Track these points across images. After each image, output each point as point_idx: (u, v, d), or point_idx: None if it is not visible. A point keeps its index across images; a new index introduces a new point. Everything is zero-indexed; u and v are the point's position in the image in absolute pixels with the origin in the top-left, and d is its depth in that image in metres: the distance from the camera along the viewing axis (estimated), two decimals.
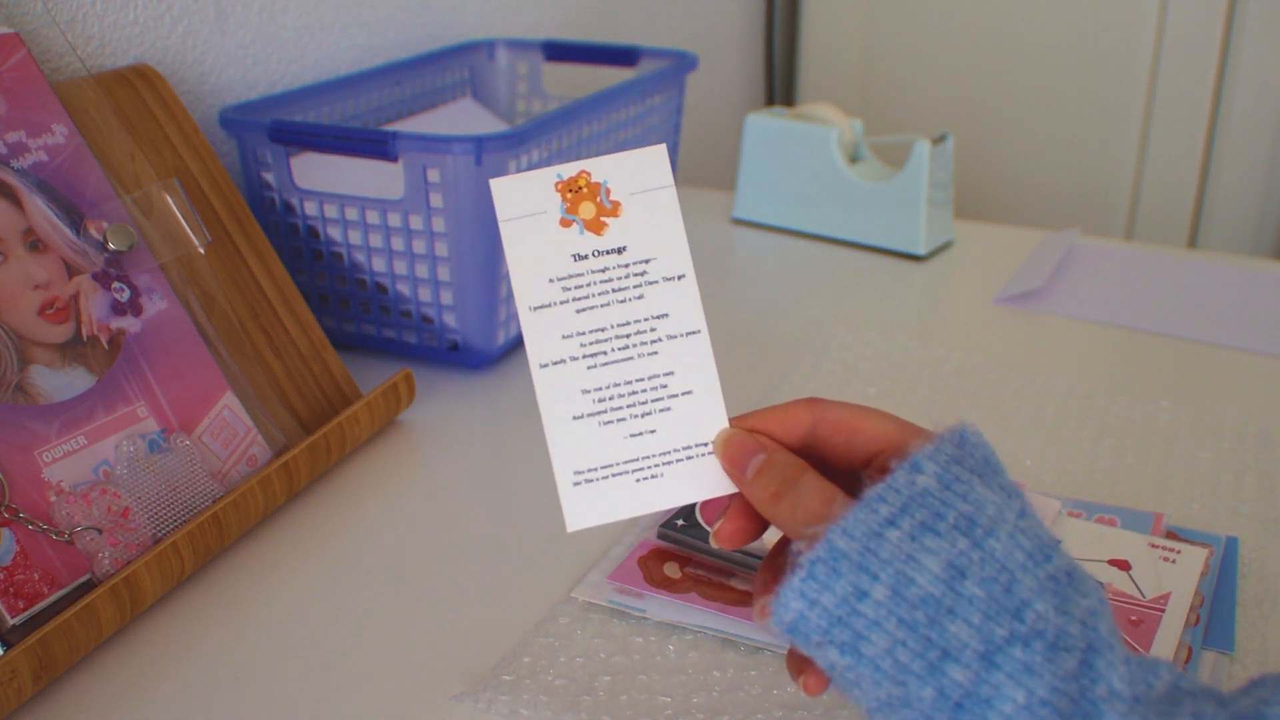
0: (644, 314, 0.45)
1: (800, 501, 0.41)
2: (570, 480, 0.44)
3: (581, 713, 0.50)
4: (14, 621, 0.53)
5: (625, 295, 0.45)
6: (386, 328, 0.84)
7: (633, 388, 0.44)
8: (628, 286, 0.45)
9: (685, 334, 0.45)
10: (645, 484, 0.44)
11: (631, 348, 0.44)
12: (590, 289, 0.44)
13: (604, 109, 0.88)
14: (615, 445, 0.44)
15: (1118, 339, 0.88)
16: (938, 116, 1.66)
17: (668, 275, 0.45)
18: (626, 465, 0.44)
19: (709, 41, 1.63)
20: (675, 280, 0.45)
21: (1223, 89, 1.50)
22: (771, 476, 0.42)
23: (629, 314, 0.45)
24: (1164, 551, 0.59)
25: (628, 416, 0.44)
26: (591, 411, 0.44)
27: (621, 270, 0.45)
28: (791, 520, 0.41)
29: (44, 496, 0.56)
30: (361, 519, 0.66)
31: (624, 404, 0.44)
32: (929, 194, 1.03)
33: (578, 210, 0.45)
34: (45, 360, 0.59)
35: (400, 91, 0.99)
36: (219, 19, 0.87)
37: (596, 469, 0.44)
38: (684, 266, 0.46)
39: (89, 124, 0.67)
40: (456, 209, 0.76)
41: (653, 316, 0.45)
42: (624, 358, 0.44)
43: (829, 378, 0.81)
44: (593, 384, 0.44)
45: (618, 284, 0.45)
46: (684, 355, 0.45)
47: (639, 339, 0.45)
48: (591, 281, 0.45)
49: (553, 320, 0.44)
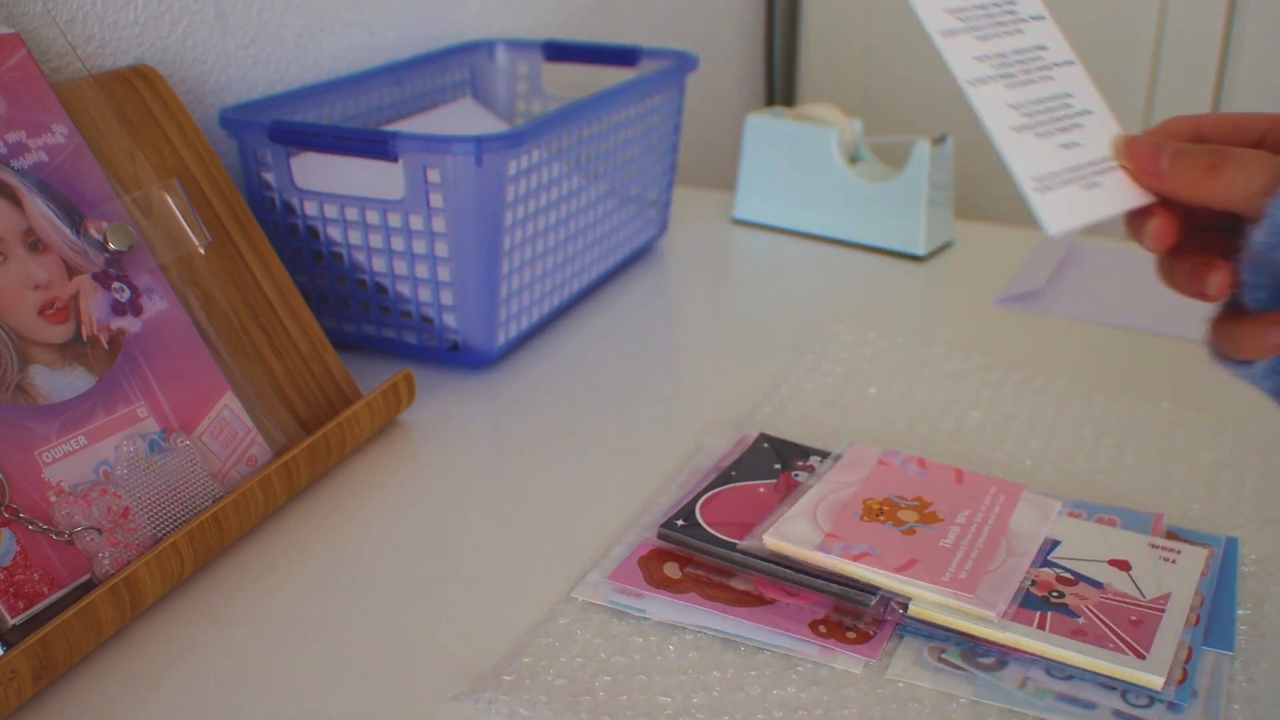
0: (1029, 44, 0.50)
1: (1246, 160, 0.43)
2: (1033, 187, 0.46)
3: (581, 713, 0.50)
4: (14, 621, 0.53)
5: (1008, 29, 0.50)
6: (386, 328, 0.84)
7: (1047, 105, 0.48)
8: (1007, 21, 0.50)
9: (1064, 62, 0.50)
10: (1093, 190, 0.47)
11: (1032, 71, 0.49)
12: (982, 21, 0.50)
13: (604, 109, 0.88)
14: (1056, 155, 0.47)
15: (1118, 339, 0.88)
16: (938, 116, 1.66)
17: (1033, 14, 0.52)
18: (1070, 174, 0.47)
19: (709, 41, 1.62)
20: (1038, 19, 0.52)
21: (1223, 89, 1.50)
22: (1199, 154, 0.44)
23: (1017, 44, 0.50)
24: (1164, 551, 0.59)
25: (1054, 130, 0.48)
26: (1024, 125, 0.47)
27: (997, 8, 0.51)
28: (1245, 181, 0.42)
29: (44, 496, 0.56)
30: (361, 519, 0.66)
31: (1047, 119, 0.48)
32: (929, 194, 1.03)
33: None
34: (45, 360, 0.59)
35: (400, 91, 0.99)
36: (219, 19, 0.87)
37: (1049, 175, 0.47)
38: (1038, 6, 0.52)
39: (89, 124, 0.67)
40: (456, 209, 0.76)
41: (1034, 47, 0.50)
42: (1028, 79, 0.48)
43: (829, 378, 0.81)
44: (1014, 100, 0.48)
45: (999, 18, 0.50)
46: (1070, 80, 0.50)
47: (1034, 65, 0.49)
48: (979, 15, 0.50)
49: (962, 45, 0.48)
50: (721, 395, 0.79)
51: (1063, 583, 0.57)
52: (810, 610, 0.56)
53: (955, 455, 0.71)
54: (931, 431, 0.74)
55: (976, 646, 0.54)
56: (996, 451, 0.71)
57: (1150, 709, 0.50)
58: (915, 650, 0.54)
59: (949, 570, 0.55)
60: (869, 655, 0.53)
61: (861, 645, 0.54)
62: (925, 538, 0.58)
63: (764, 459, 0.67)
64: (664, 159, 1.03)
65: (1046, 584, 0.56)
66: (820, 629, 0.55)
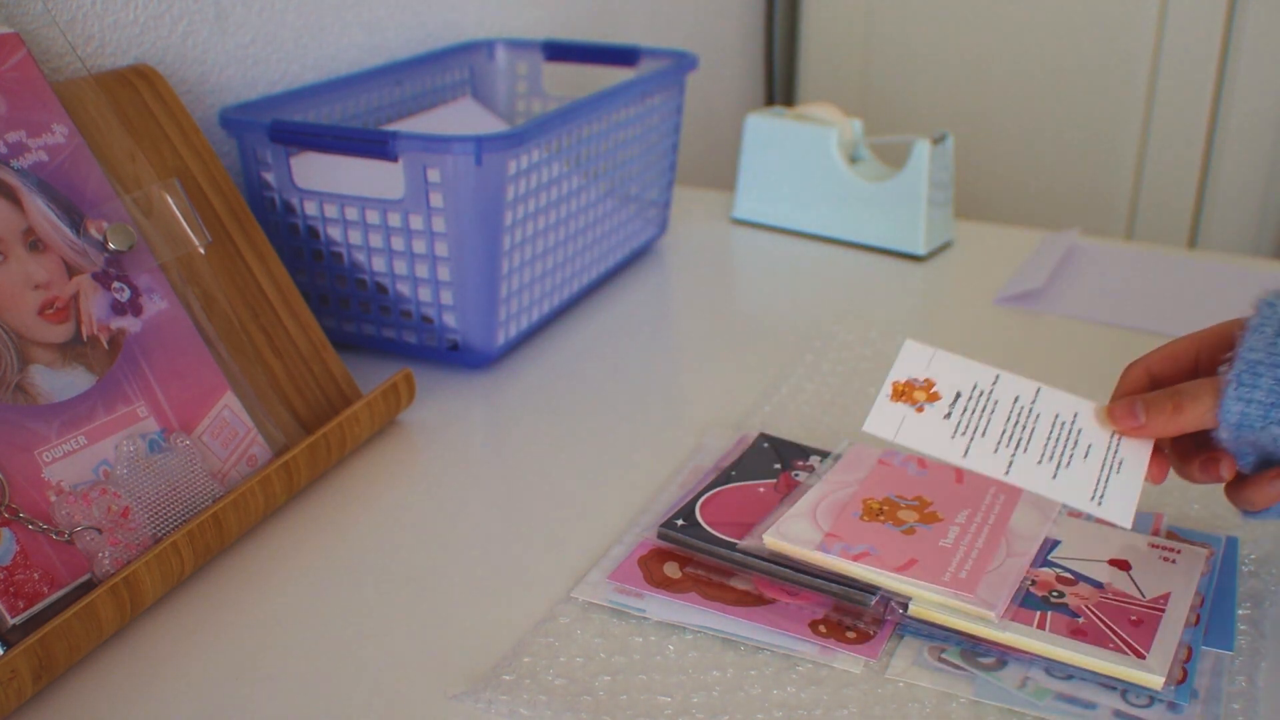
0: (1009, 404, 0.59)
1: (1194, 391, 0.54)
2: (1095, 506, 0.55)
3: (581, 713, 0.50)
4: (14, 621, 0.53)
5: (988, 408, 0.59)
6: (386, 328, 0.84)
7: (1053, 438, 0.57)
8: (982, 400, 0.59)
9: (1035, 393, 0.59)
10: (1123, 469, 0.57)
11: (1027, 424, 0.58)
12: (970, 420, 0.58)
13: (604, 109, 0.88)
14: (1087, 469, 0.56)
15: (1118, 339, 0.88)
16: (938, 116, 1.66)
17: (990, 379, 0.60)
18: (1104, 472, 0.56)
19: (709, 41, 1.63)
20: (994, 379, 0.60)
21: (1223, 89, 1.50)
22: (1162, 401, 0.55)
23: (1004, 412, 0.58)
24: (1164, 551, 0.59)
25: (1070, 452, 0.57)
26: (1055, 469, 0.56)
27: (970, 399, 0.59)
28: (1199, 407, 0.54)
29: (44, 496, 0.56)
30: (361, 519, 0.66)
31: (1061, 449, 0.57)
32: (929, 194, 1.03)
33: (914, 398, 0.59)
34: (45, 360, 0.59)
35: (400, 91, 0.99)
36: (219, 19, 0.87)
37: (1096, 486, 0.56)
38: (987, 369, 0.61)
39: (89, 124, 0.67)
40: (456, 209, 0.76)
41: (1013, 402, 0.59)
42: (1030, 431, 0.58)
43: (829, 378, 0.81)
44: (1036, 456, 0.57)
45: (977, 405, 0.59)
46: (1047, 403, 0.59)
47: (1024, 417, 0.58)
48: (966, 418, 0.59)
49: (980, 453, 0.57)
50: (721, 395, 0.79)
51: (1063, 582, 0.57)
52: (810, 610, 0.56)
53: None
54: None
55: (976, 646, 0.54)
56: None
57: (1150, 709, 0.50)
58: (915, 650, 0.54)
59: (949, 570, 0.55)
60: (869, 655, 0.53)
61: (861, 645, 0.54)
62: (925, 538, 0.58)
63: (764, 459, 0.67)
64: (664, 159, 1.03)
65: (1046, 584, 0.56)
66: (820, 629, 0.55)
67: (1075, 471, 0.56)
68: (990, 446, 0.57)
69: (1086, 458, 0.57)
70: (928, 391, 0.59)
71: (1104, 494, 0.55)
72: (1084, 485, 0.56)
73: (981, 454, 0.57)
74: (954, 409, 0.58)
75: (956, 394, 0.59)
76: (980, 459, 0.56)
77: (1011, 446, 0.57)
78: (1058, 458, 0.57)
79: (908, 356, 0.60)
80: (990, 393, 0.59)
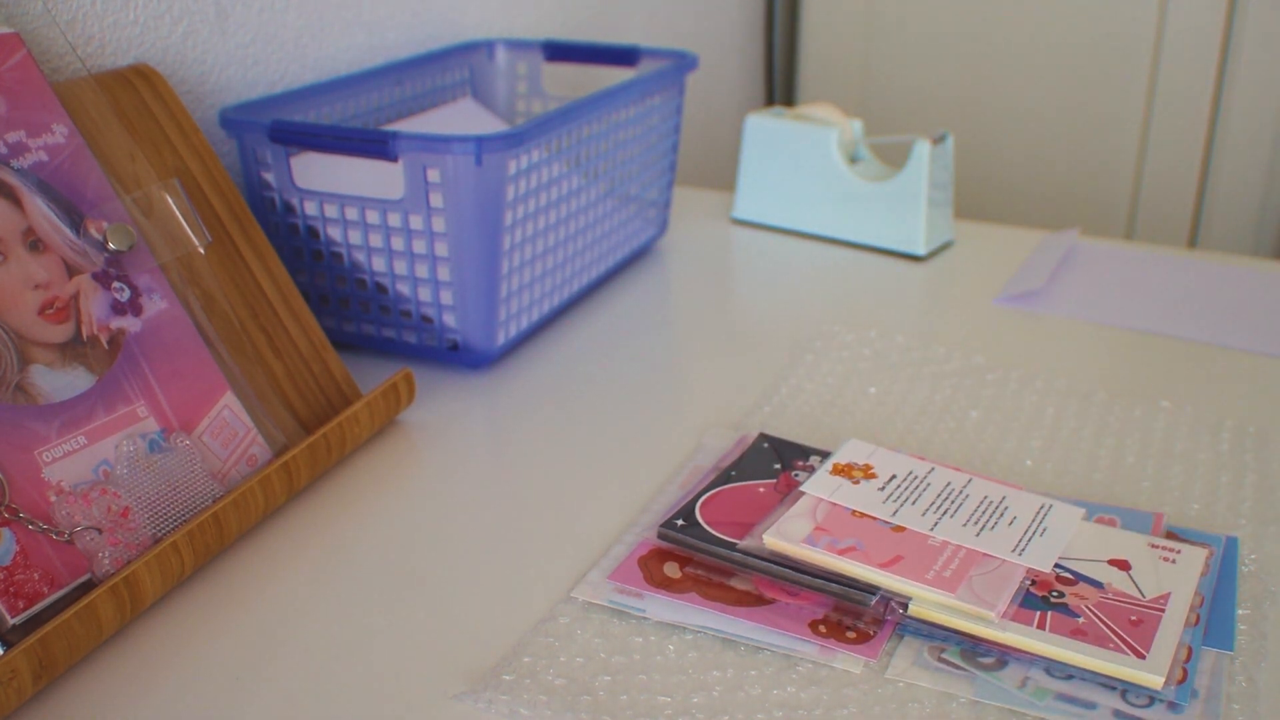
0: (939, 488, 0.64)
1: None
2: (1015, 555, 0.58)
3: (581, 713, 0.50)
4: (14, 621, 0.53)
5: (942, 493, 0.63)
6: (386, 328, 0.84)
7: (975, 509, 0.62)
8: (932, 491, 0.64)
9: (965, 483, 0.64)
10: (1040, 539, 0.60)
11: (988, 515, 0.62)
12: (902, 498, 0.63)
13: (604, 109, 0.88)
14: (1007, 532, 0.60)
15: (1118, 339, 0.88)
16: (938, 116, 1.66)
17: (926, 469, 0.65)
18: (1023, 539, 0.60)
19: (709, 41, 1.63)
20: (931, 470, 0.66)
21: (1223, 89, 1.50)
22: None
23: (935, 494, 0.63)
24: (1164, 551, 0.59)
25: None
26: (973, 524, 0.60)
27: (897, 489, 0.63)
28: None
29: (44, 496, 0.56)
30: (361, 519, 0.66)
31: (974, 518, 0.61)
32: (929, 194, 1.03)
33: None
34: (45, 360, 0.59)
35: (400, 91, 0.99)
36: (219, 19, 0.87)
37: (1019, 544, 0.60)
38: (920, 464, 0.66)
39: (89, 124, 0.67)
40: (456, 209, 0.76)
41: (944, 487, 0.64)
42: (954, 507, 0.62)
43: (829, 378, 0.81)
44: (945, 519, 0.61)
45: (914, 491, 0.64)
46: (977, 488, 0.64)
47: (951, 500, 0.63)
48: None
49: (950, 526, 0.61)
50: (721, 395, 0.79)
51: (1063, 582, 0.57)
52: (810, 610, 0.56)
53: (955, 455, 0.71)
54: (931, 431, 0.74)
55: (976, 646, 0.54)
56: (996, 451, 0.71)
57: (1150, 709, 0.50)
58: (915, 650, 0.54)
59: (933, 569, 0.56)
60: (869, 655, 0.53)
61: (861, 645, 0.54)
62: (914, 535, 0.58)
63: (764, 459, 0.67)
64: (664, 159, 1.03)
65: (1046, 584, 0.56)
66: (820, 629, 0.55)
67: (999, 533, 0.59)
68: (919, 512, 0.61)
69: (1011, 525, 0.60)
70: (865, 472, 0.64)
71: (1025, 549, 0.58)
72: (1006, 543, 0.59)
73: (910, 516, 0.60)
74: (888, 485, 0.63)
75: (892, 475, 0.64)
76: (909, 519, 0.60)
77: (939, 514, 0.61)
78: (982, 523, 0.60)
79: (850, 450, 0.66)
80: (924, 479, 0.64)
